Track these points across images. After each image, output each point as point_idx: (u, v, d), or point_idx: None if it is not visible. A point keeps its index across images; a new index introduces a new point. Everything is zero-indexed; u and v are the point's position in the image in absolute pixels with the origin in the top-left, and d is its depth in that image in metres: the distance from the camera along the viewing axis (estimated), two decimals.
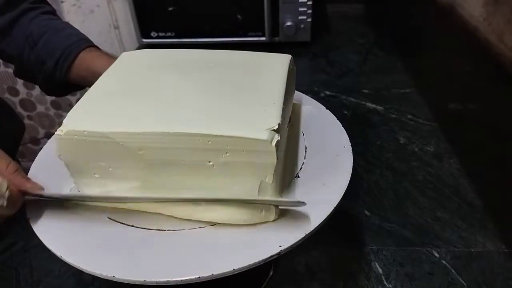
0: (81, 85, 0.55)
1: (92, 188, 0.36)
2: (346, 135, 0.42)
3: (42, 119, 1.38)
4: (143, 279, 0.29)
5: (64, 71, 0.53)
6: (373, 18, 1.09)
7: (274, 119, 0.32)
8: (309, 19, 0.89)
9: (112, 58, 0.51)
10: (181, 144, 0.32)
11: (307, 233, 0.32)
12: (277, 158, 0.31)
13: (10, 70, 0.80)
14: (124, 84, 0.39)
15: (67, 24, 0.57)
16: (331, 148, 0.41)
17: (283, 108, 0.35)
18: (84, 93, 0.38)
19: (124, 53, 0.44)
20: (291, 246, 0.31)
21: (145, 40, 0.94)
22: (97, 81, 0.39)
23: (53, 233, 0.33)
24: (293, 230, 0.32)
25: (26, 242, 0.49)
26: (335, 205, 0.34)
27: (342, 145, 0.41)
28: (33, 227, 0.34)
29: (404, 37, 0.99)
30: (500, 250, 0.47)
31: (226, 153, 0.32)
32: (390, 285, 0.44)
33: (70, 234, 0.34)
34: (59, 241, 0.33)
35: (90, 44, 0.54)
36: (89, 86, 0.39)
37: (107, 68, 0.42)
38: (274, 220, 0.33)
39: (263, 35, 0.91)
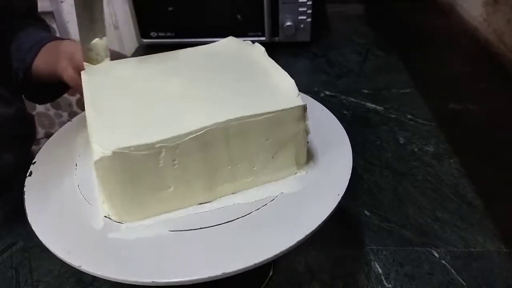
0: (45, 72, 0.56)
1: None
2: (346, 134, 0.42)
3: (42, 119, 1.38)
4: (139, 280, 0.29)
5: (32, 55, 0.56)
6: (373, 18, 1.09)
7: (293, 87, 0.37)
8: (309, 19, 0.89)
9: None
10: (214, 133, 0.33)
11: (307, 233, 0.32)
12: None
13: None
14: (120, 97, 0.38)
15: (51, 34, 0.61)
16: (331, 148, 0.41)
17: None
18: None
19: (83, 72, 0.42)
20: (291, 247, 0.31)
21: (145, 40, 0.94)
22: (87, 99, 0.37)
23: (53, 233, 0.33)
24: (293, 231, 0.32)
25: (26, 242, 0.49)
26: (335, 205, 0.34)
27: (342, 145, 0.41)
28: (33, 227, 0.34)
29: (404, 37, 0.99)
30: (500, 250, 0.47)
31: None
32: (390, 285, 0.44)
33: (71, 233, 0.34)
34: (59, 241, 0.33)
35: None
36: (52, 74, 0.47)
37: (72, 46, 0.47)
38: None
39: (263, 35, 0.91)
